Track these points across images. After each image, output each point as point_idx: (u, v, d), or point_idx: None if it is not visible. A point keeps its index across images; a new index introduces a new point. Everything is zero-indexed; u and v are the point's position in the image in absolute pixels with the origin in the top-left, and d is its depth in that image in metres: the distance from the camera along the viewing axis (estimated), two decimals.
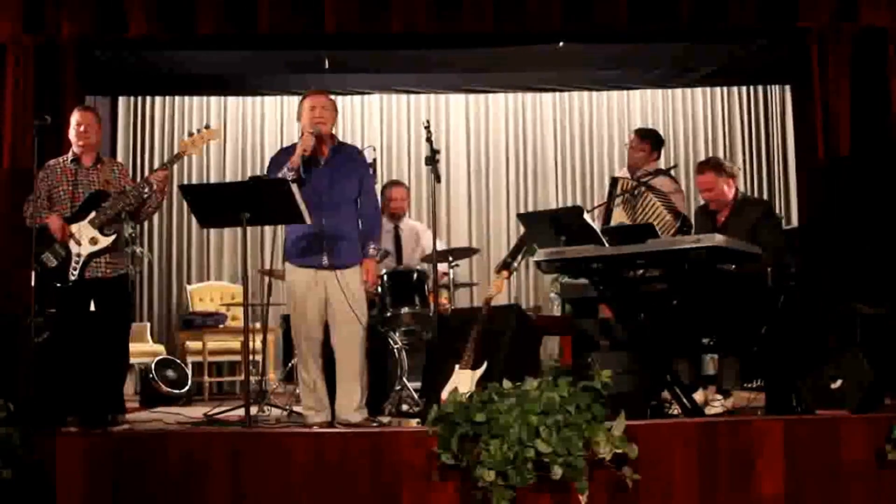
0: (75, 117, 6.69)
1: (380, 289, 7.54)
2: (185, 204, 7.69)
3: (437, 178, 7.05)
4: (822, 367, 6.24)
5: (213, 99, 11.30)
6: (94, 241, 6.49)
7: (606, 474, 5.18)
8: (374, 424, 6.26)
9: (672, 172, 8.09)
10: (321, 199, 6.32)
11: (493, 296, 6.60)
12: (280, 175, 6.25)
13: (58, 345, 6.52)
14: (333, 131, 6.59)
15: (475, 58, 9.24)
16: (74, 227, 6.48)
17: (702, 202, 7.19)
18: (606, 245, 6.17)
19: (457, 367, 6.33)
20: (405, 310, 7.62)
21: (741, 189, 7.10)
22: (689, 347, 6.60)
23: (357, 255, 6.45)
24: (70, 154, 6.68)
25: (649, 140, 7.94)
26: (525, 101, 11.55)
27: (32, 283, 6.26)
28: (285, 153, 6.50)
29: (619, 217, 7.52)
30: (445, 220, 11.32)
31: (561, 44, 8.75)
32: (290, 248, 6.48)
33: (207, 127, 6.89)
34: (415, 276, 7.71)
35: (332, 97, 6.63)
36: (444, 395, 5.57)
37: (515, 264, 7.54)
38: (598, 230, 6.45)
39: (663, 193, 7.39)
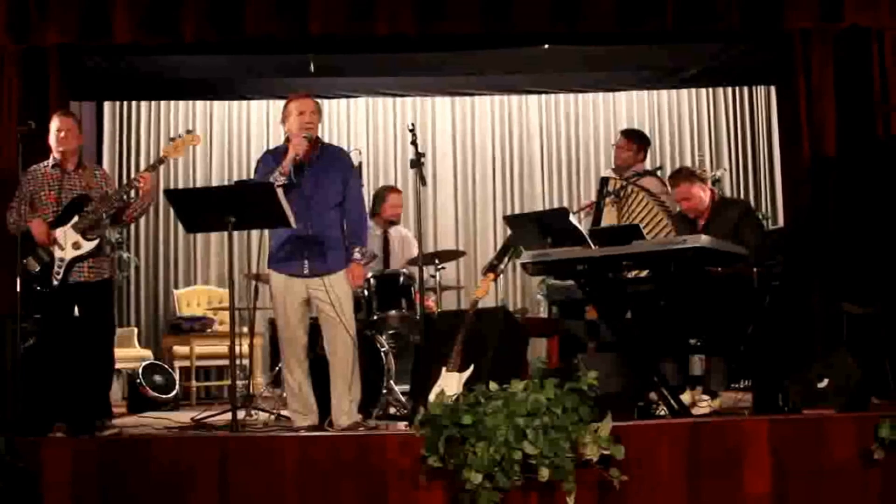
0: (55, 122, 6.67)
1: (366, 292, 7.54)
2: (171, 208, 7.68)
3: (423, 181, 7.07)
4: (809, 366, 6.24)
5: (199, 103, 11.28)
6: (77, 245, 6.48)
7: (594, 475, 5.19)
8: (362, 428, 6.24)
9: (658, 173, 8.11)
10: (305, 205, 6.30)
11: (480, 298, 6.61)
12: (271, 179, 6.22)
13: (43, 350, 6.50)
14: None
15: (461, 60, 9.24)
16: (58, 232, 6.46)
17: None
18: (592, 246, 6.18)
19: (444, 369, 6.34)
20: (392, 313, 7.63)
21: (725, 190, 7.12)
22: (675, 348, 6.61)
23: (342, 259, 6.42)
24: (51, 159, 6.66)
25: (636, 140, 7.97)
26: (511, 104, 11.56)
27: (18, 289, 6.26)
28: (271, 156, 6.50)
29: (610, 216, 7.53)
30: (432, 223, 11.32)
31: (546, 46, 8.75)
32: (274, 254, 6.47)
33: (189, 131, 6.91)
34: (401, 279, 7.71)
35: (316, 100, 6.62)
36: (431, 397, 5.57)
37: (502, 266, 7.55)
38: (585, 231, 6.47)
39: (653, 194, 7.41)
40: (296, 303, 6.37)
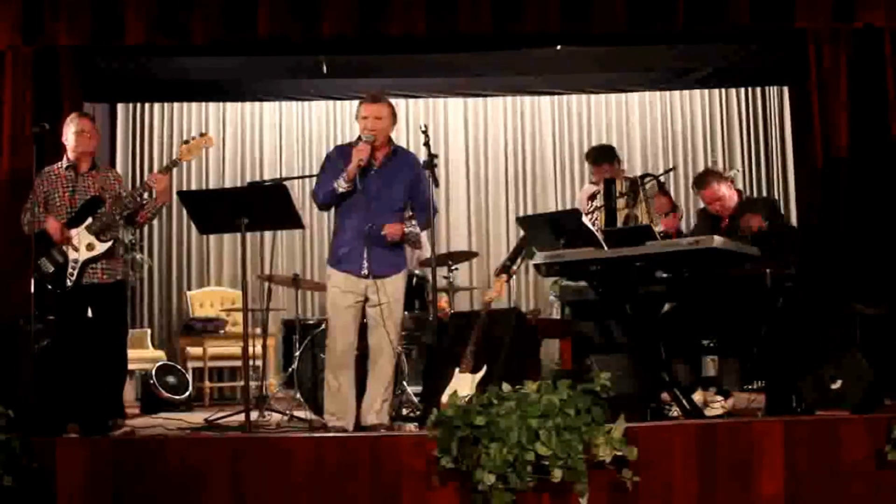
0: (74, 123, 6.69)
1: None
2: (184, 210, 7.70)
3: (436, 183, 7.07)
4: (822, 367, 6.24)
5: (212, 105, 11.29)
6: (90, 246, 6.50)
7: (606, 476, 5.19)
8: (383, 430, 6.23)
9: (662, 178, 8.07)
10: (369, 206, 6.32)
11: (493, 299, 6.61)
12: (335, 185, 6.26)
13: (57, 351, 6.52)
14: (393, 135, 6.59)
15: (473, 61, 9.23)
16: (72, 233, 6.48)
17: (701, 205, 7.20)
18: (605, 247, 6.18)
19: (456, 370, 6.34)
20: (405, 314, 7.63)
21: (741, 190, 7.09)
22: (688, 349, 6.60)
23: (400, 263, 6.47)
24: (65, 160, 6.68)
25: (605, 159, 7.96)
26: (523, 105, 11.55)
27: (32, 290, 6.28)
28: (341, 153, 6.50)
29: (621, 216, 7.51)
30: (445, 224, 11.31)
31: (558, 46, 8.75)
32: (335, 252, 6.46)
33: (203, 134, 6.91)
34: (414, 280, 7.71)
35: (391, 102, 6.57)
36: (444, 398, 5.57)
37: (515, 267, 7.53)
38: (597, 232, 6.46)
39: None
40: (351, 302, 6.37)
